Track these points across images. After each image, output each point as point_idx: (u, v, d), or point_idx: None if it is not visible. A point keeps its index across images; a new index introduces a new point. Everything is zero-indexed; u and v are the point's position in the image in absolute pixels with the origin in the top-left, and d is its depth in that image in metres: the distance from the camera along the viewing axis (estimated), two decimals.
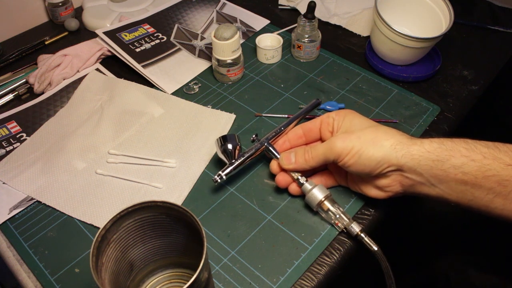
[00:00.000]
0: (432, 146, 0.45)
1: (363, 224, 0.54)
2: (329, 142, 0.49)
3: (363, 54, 0.78)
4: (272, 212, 0.55)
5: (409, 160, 0.46)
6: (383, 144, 0.47)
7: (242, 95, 0.71)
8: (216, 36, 0.68)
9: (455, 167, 0.44)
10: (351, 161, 0.48)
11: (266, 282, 0.48)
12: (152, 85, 0.74)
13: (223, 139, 0.56)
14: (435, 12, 0.73)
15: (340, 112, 0.53)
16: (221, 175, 0.55)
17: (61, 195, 0.58)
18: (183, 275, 0.49)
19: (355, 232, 0.50)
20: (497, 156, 0.43)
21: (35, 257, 0.52)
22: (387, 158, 0.46)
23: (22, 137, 0.66)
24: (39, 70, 0.73)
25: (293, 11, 0.89)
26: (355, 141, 0.48)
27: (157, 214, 0.41)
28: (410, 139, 0.47)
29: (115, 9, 0.89)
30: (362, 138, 0.48)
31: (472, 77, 0.73)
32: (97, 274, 0.36)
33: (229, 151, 0.56)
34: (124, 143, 0.64)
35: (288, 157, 0.53)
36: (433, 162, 0.45)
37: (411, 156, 0.45)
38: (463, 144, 0.45)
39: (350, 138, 0.48)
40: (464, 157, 0.44)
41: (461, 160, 0.44)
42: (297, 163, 0.53)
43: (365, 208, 0.55)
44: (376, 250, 0.48)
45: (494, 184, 0.43)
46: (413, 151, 0.46)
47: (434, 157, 0.45)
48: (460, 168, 0.44)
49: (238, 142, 0.57)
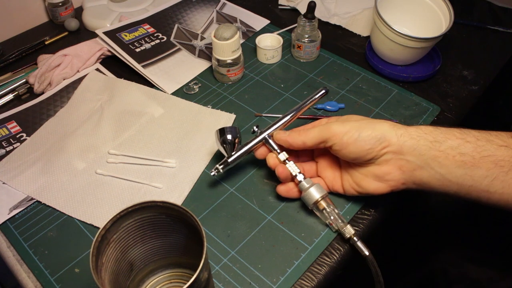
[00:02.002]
0: (428, 129, 0.47)
1: (363, 224, 0.54)
2: (325, 124, 0.50)
3: (363, 54, 0.78)
4: (272, 212, 0.55)
5: (408, 139, 0.46)
6: (381, 125, 0.48)
7: (242, 95, 0.71)
8: (216, 36, 0.68)
9: (453, 147, 0.45)
10: (351, 140, 0.47)
11: (266, 282, 0.49)
12: (152, 85, 0.74)
13: (221, 131, 0.56)
14: (435, 12, 0.73)
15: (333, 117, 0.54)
16: (218, 168, 0.55)
17: (61, 195, 0.58)
18: (183, 275, 0.49)
19: (348, 235, 0.49)
20: (489, 138, 0.45)
21: (35, 257, 0.52)
22: (388, 136, 0.47)
23: (22, 137, 0.66)
24: (39, 70, 0.73)
25: (293, 11, 0.89)
26: (352, 124, 0.48)
27: (157, 214, 0.41)
28: (405, 124, 0.49)
29: (115, 9, 0.89)
30: (359, 122, 0.49)
31: (472, 77, 0.73)
32: (97, 274, 0.36)
33: (228, 142, 0.55)
34: (124, 143, 0.64)
35: (282, 131, 0.53)
36: (431, 143, 0.46)
37: (410, 135, 0.46)
38: (457, 129, 0.47)
39: (347, 123, 0.49)
40: (459, 139, 0.45)
41: (456, 141, 0.45)
42: (290, 137, 0.52)
43: (365, 208, 0.55)
44: (367, 255, 0.48)
45: (491, 164, 0.44)
46: (411, 131, 0.47)
47: (431, 138, 0.46)
48: (457, 149, 0.45)
49: (238, 133, 0.56)
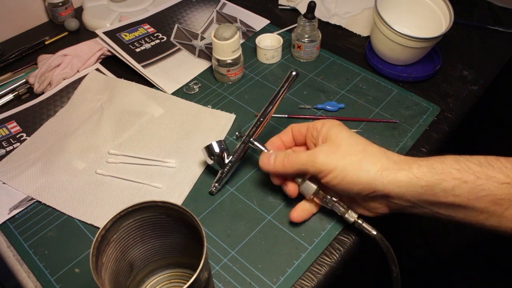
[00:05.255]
0: (421, 171, 0.43)
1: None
2: (312, 153, 0.47)
3: (363, 54, 0.78)
4: (272, 212, 0.55)
5: (395, 187, 0.43)
6: (368, 169, 0.44)
7: (242, 95, 0.71)
8: (216, 36, 0.68)
9: (446, 190, 0.42)
10: (335, 181, 0.46)
11: (266, 282, 0.48)
12: (152, 85, 0.74)
13: (208, 149, 0.56)
14: (435, 12, 0.73)
15: (326, 122, 0.50)
16: (216, 185, 0.57)
17: (61, 195, 0.58)
18: (183, 275, 0.49)
19: (352, 219, 0.49)
20: (491, 175, 0.41)
21: (35, 257, 0.52)
22: (373, 184, 0.44)
23: (22, 137, 0.66)
24: (39, 70, 0.73)
25: (293, 11, 0.89)
26: (339, 161, 0.45)
27: (157, 214, 0.41)
28: (397, 164, 0.44)
29: (115, 9, 0.89)
30: (347, 159, 0.45)
31: (472, 77, 0.73)
32: (97, 274, 0.36)
33: (217, 159, 0.56)
34: (124, 143, 0.64)
35: (267, 158, 0.51)
36: (422, 188, 0.43)
37: (398, 183, 0.43)
38: (455, 165, 0.42)
39: (335, 155, 0.46)
40: (456, 179, 0.42)
41: (452, 183, 0.42)
42: (275, 166, 0.50)
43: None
44: (375, 235, 0.48)
45: (488, 203, 0.41)
46: (400, 178, 0.43)
47: (423, 183, 0.43)
48: (452, 191, 0.42)
49: (224, 146, 0.57)
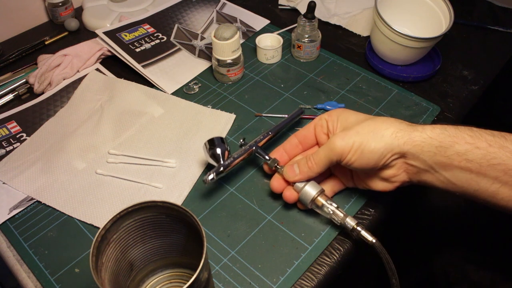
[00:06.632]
0: (435, 132, 0.45)
1: (364, 224, 0.53)
2: (329, 143, 0.48)
3: (363, 54, 0.78)
4: (272, 212, 0.55)
5: (411, 147, 0.45)
6: (383, 134, 0.46)
7: (242, 95, 0.71)
8: (216, 36, 0.68)
9: (459, 153, 0.43)
10: (354, 158, 0.47)
11: (266, 282, 0.48)
12: (152, 85, 0.74)
13: (210, 143, 0.55)
14: (435, 12, 0.73)
15: (331, 112, 0.52)
16: (212, 175, 0.54)
17: (61, 195, 0.58)
18: (183, 275, 0.49)
19: (351, 226, 0.49)
20: (503, 144, 0.42)
21: (35, 257, 0.52)
22: (390, 148, 0.45)
23: (22, 137, 0.66)
24: (39, 70, 0.73)
25: (293, 11, 0.89)
26: (354, 137, 0.47)
27: (157, 214, 0.41)
28: (410, 126, 0.46)
29: (115, 9, 0.89)
30: (361, 132, 0.47)
31: (472, 77, 0.73)
32: (97, 274, 0.36)
33: (218, 155, 0.55)
34: (124, 143, 0.64)
35: (291, 169, 0.51)
36: (436, 148, 0.44)
37: (413, 143, 0.45)
38: (468, 132, 0.44)
39: (349, 134, 0.47)
40: (469, 144, 0.43)
41: (465, 147, 0.43)
42: (302, 173, 0.51)
43: (365, 208, 0.55)
44: (374, 242, 0.47)
45: (500, 173, 0.42)
46: (415, 138, 0.45)
47: (436, 143, 0.44)
48: (464, 155, 0.43)
49: (227, 146, 0.56)
